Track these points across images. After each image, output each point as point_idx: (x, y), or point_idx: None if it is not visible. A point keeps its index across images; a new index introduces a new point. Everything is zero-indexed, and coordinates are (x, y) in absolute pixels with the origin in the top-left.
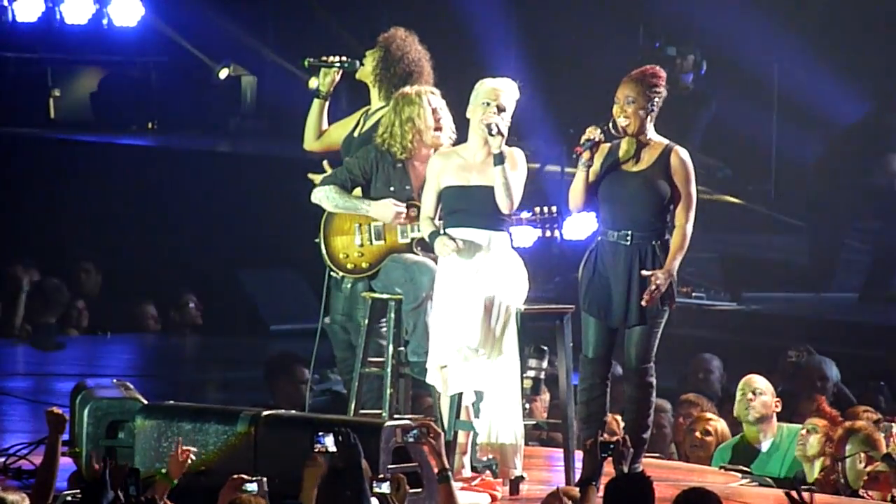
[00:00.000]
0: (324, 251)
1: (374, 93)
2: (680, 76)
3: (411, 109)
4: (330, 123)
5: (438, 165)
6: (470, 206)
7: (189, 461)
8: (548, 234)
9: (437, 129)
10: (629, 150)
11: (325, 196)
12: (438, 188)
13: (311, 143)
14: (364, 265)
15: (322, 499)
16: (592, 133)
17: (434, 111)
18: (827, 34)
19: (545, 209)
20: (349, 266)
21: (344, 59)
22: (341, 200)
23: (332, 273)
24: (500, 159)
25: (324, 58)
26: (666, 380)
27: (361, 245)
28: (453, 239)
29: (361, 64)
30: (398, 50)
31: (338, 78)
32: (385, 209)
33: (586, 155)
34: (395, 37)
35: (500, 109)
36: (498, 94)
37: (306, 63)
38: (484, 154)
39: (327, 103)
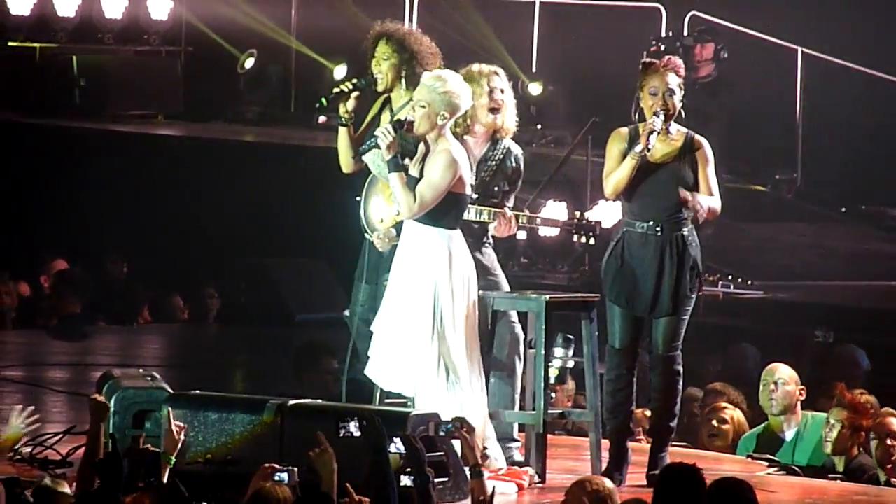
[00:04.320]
0: (361, 209)
1: (396, 88)
2: (700, 64)
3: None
4: (359, 140)
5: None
6: None
7: (182, 437)
8: (583, 240)
9: (493, 110)
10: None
11: (371, 160)
12: None
13: (349, 167)
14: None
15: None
16: (653, 123)
17: (492, 91)
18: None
19: (585, 217)
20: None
21: (355, 80)
22: (384, 168)
23: (365, 234)
24: (392, 165)
25: (336, 90)
26: (698, 369)
27: (398, 214)
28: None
29: (374, 78)
30: (414, 44)
31: (356, 101)
32: None
33: (649, 145)
34: (401, 32)
35: (420, 105)
36: (417, 91)
37: (324, 102)
38: (431, 146)
39: (352, 126)
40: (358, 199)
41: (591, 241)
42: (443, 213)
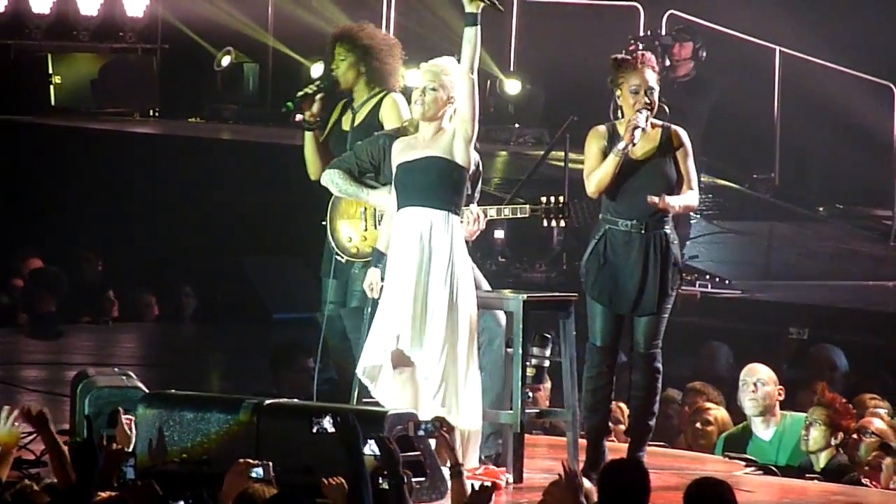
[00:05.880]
0: (329, 234)
1: (358, 87)
2: (678, 63)
3: None
4: (325, 144)
5: (394, 151)
6: (414, 181)
7: (133, 433)
8: (553, 223)
9: None
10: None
11: (330, 180)
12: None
13: (317, 174)
14: (368, 249)
15: None
16: (636, 120)
17: None
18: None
19: (552, 198)
20: (353, 250)
21: (318, 82)
22: (345, 185)
23: (337, 256)
24: (472, 19)
25: (299, 93)
26: (676, 368)
27: (366, 230)
28: (375, 284)
29: (336, 79)
30: (365, 39)
31: (320, 104)
32: (382, 199)
33: (634, 142)
34: (353, 29)
35: (429, 89)
36: (426, 74)
37: (290, 105)
38: (432, 130)
39: (318, 130)
40: (323, 223)
41: (563, 223)
42: (458, 196)
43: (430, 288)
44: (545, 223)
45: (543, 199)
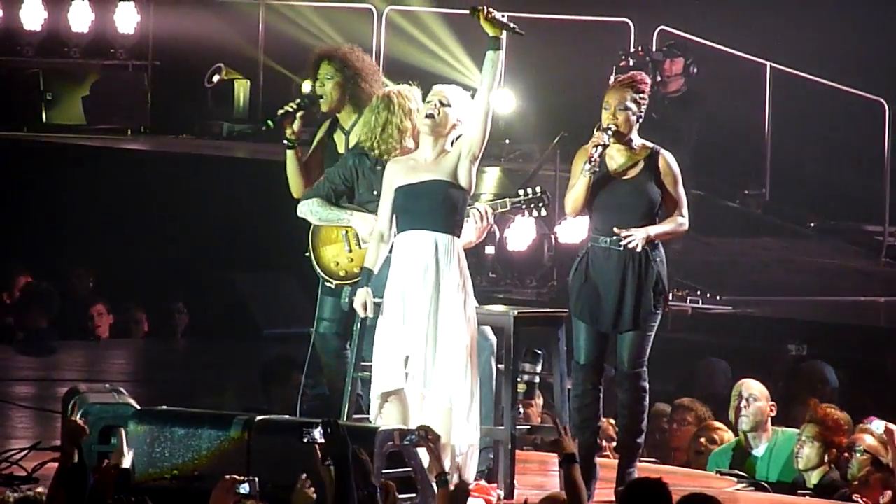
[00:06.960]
0: (315, 263)
1: (344, 109)
2: (669, 79)
3: (389, 112)
4: (307, 163)
5: (391, 171)
6: (418, 205)
7: (129, 452)
8: (534, 214)
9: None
10: (617, 157)
11: (308, 210)
12: (392, 193)
13: (299, 191)
14: (356, 270)
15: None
16: (600, 138)
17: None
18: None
19: (528, 190)
20: (341, 273)
21: (298, 100)
22: (325, 212)
23: (326, 283)
24: (494, 44)
25: (280, 111)
26: (669, 384)
27: (350, 251)
28: (368, 303)
29: (319, 96)
30: (356, 61)
31: (301, 122)
32: (364, 224)
33: (595, 161)
34: (344, 51)
35: (443, 104)
36: (439, 92)
37: (270, 124)
38: (435, 153)
39: (300, 148)
40: (307, 255)
41: (543, 212)
42: (461, 219)
43: (444, 311)
44: (527, 214)
45: (521, 192)
